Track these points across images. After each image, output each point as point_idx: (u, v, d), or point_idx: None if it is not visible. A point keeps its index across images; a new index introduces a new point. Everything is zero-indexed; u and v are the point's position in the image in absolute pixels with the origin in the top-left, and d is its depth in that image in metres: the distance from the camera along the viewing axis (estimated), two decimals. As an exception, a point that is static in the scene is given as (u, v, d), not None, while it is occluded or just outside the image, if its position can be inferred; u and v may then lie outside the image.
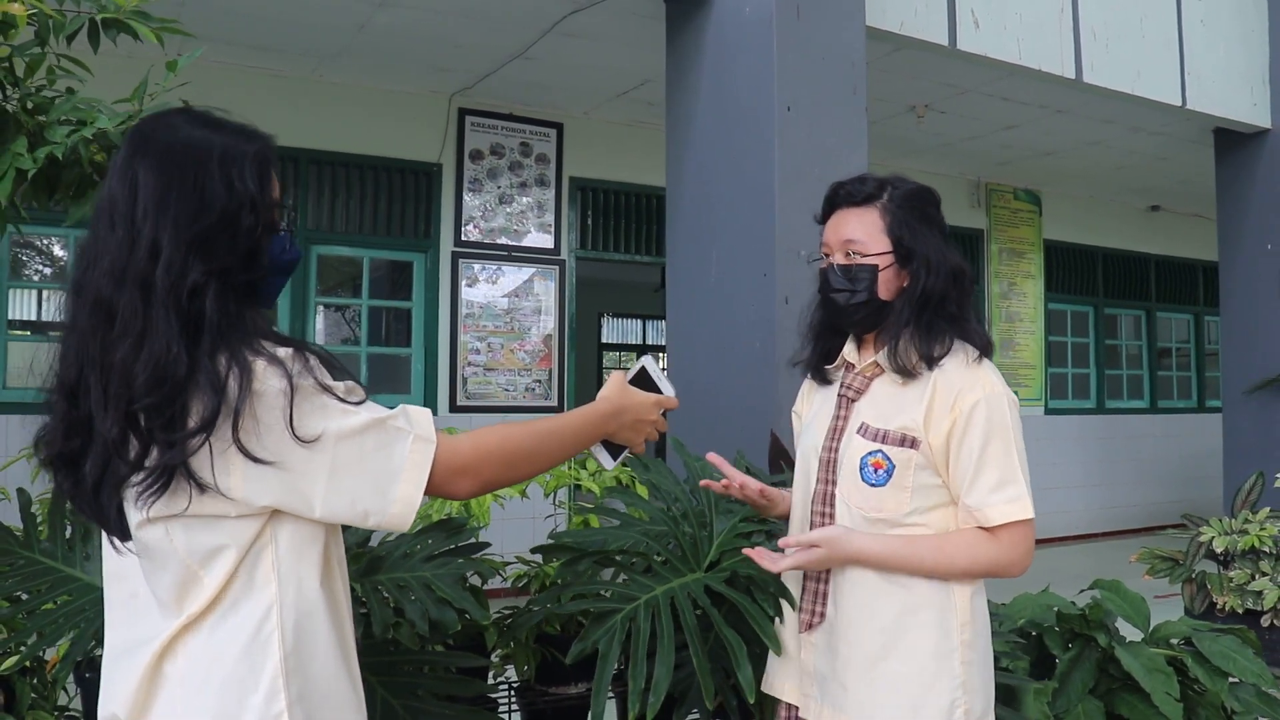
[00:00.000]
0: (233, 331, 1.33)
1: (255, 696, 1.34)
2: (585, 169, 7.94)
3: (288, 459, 1.33)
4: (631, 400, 1.69)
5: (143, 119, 1.45)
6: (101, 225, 1.36)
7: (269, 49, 6.44)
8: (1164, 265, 11.71)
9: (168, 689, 1.36)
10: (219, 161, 1.38)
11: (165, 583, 1.37)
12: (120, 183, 1.36)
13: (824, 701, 1.94)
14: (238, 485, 1.33)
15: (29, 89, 2.25)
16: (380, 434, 1.38)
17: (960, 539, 1.87)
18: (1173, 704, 2.73)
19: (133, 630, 1.42)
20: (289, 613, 1.38)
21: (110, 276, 1.32)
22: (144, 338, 1.29)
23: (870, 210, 1.98)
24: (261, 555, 1.37)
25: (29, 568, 2.39)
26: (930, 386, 1.89)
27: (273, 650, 1.36)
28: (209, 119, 1.44)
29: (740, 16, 4.48)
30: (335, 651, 1.44)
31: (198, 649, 1.36)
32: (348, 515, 1.39)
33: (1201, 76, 6.60)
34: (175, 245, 1.32)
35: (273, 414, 1.31)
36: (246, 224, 1.39)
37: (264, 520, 1.37)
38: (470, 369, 7.37)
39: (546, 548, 2.42)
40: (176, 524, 1.34)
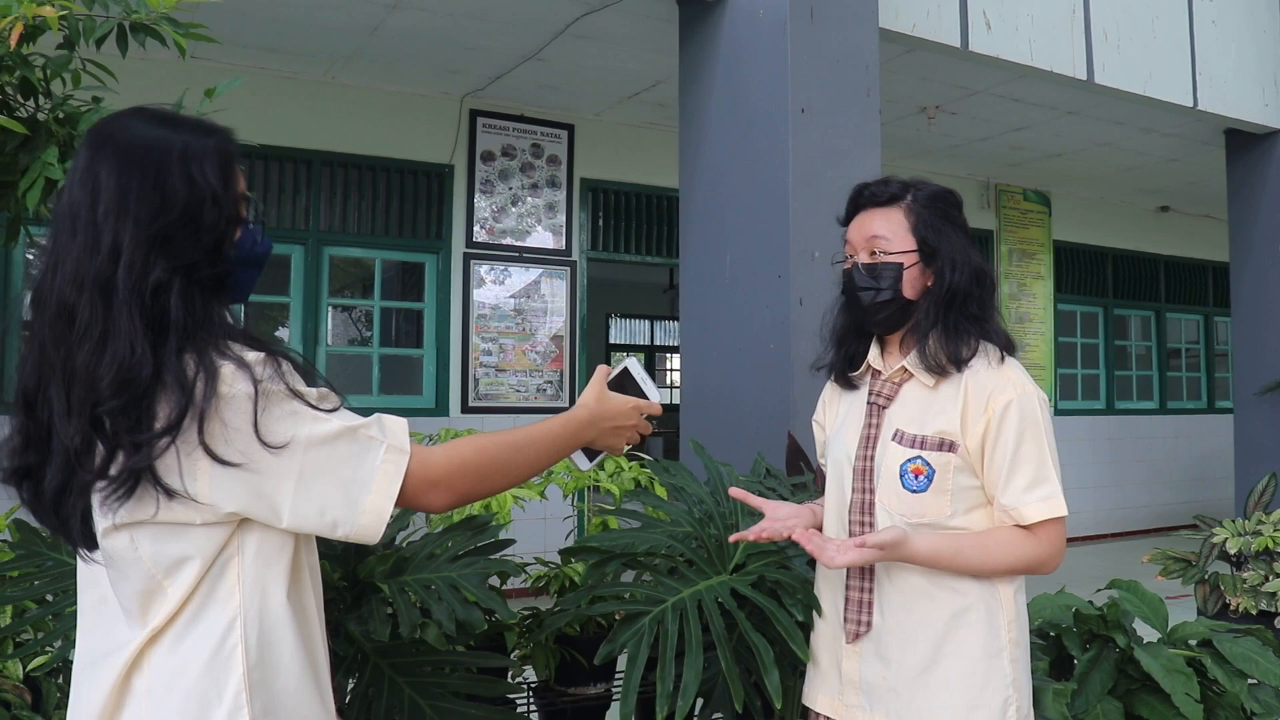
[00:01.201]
0: (200, 331, 1.31)
1: (218, 711, 1.32)
2: (596, 170, 7.95)
3: (255, 463, 1.30)
4: (609, 407, 1.64)
5: (99, 121, 1.42)
6: (63, 231, 1.33)
7: (282, 51, 6.47)
8: (1174, 266, 11.70)
9: (134, 703, 1.33)
10: (179, 158, 1.36)
11: (129, 591, 1.35)
12: (81, 186, 1.33)
13: (874, 710, 1.94)
14: (204, 489, 1.30)
15: (60, 99, 2.26)
16: (352, 443, 1.36)
17: (1002, 536, 1.89)
18: (1193, 705, 2.73)
19: (102, 638, 1.39)
20: (253, 626, 1.35)
21: (73, 282, 1.30)
22: (106, 340, 1.27)
23: (895, 210, 2.00)
24: (227, 566, 1.35)
25: (56, 569, 2.40)
26: (962, 389, 1.91)
27: (236, 664, 1.33)
28: (166, 116, 1.42)
29: (754, 19, 4.49)
30: (303, 666, 1.41)
31: (162, 662, 1.33)
32: (316, 525, 1.35)
33: (1213, 77, 6.60)
34: (136, 244, 1.30)
35: (240, 418, 1.29)
36: (209, 219, 1.36)
37: (230, 530, 1.34)
38: (482, 370, 7.39)
39: (574, 550, 2.43)
40: (143, 531, 1.32)
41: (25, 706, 2.51)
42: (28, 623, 2.48)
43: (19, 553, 2.44)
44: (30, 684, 2.58)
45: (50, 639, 2.32)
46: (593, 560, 2.38)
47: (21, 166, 2.16)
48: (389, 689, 2.20)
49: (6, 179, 2.21)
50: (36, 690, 2.59)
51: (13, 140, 2.19)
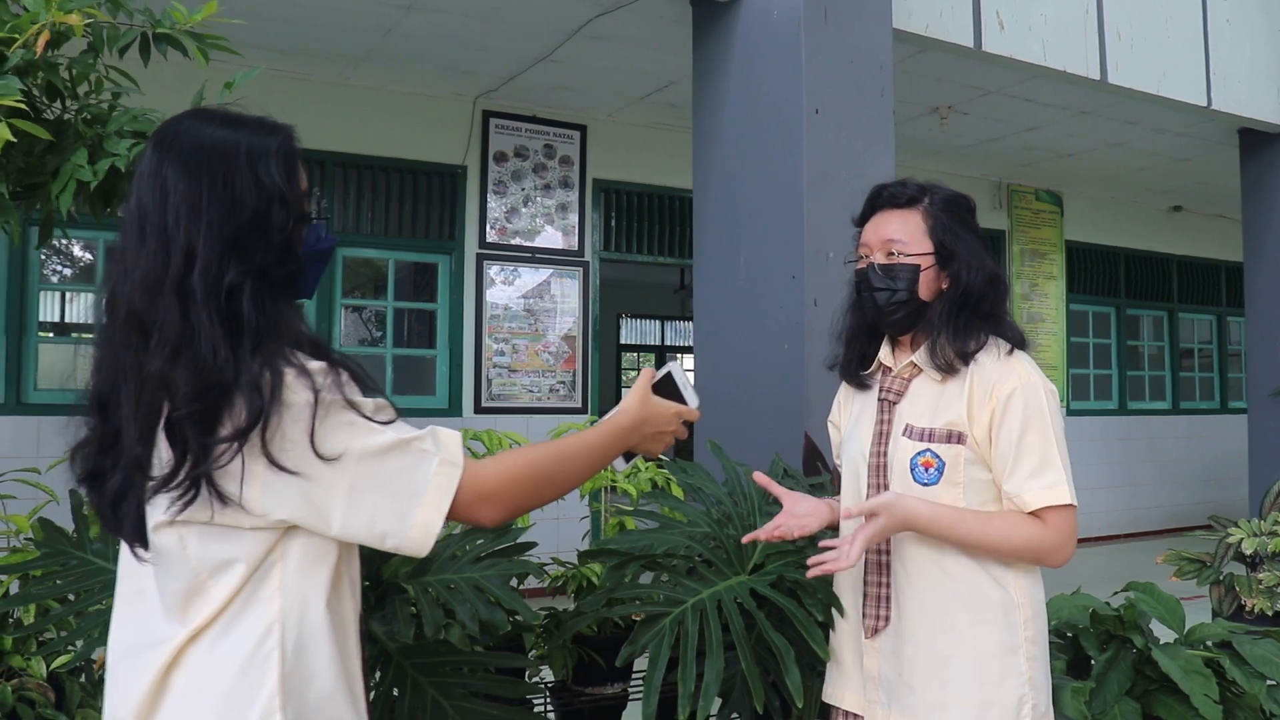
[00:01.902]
0: (269, 335, 1.32)
1: (250, 714, 1.32)
2: (608, 171, 7.97)
3: (309, 472, 1.31)
4: (653, 412, 1.65)
5: (162, 124, 1.43)
6: (131, 236, 1.34)
7: (295, 53, 6.49)
8: (1186, 266, 11.67)
9: (170, 700, 1.34)
10: (245, 158, 1.37)
11: (173, 588, 1.36)
12: (149, 191, 1.35)
13: (891, 706, 1.96)
14: (257, 495, 1.31)
15: (87, 101, 2.28)
16: (405, 455, 1.36)
17: (1006, 516, 1.90)
18: (1212, 706, 2.73)
19: (138, 630, 1.40)
20: (290, 632, 1.35)
21: (144, 288, 1.31)
22: (183, 345, 1.28)
23: (913, 213, 2.01)
24: (270, 571, 1.35)
25: (81, 568, 2.42)
26: (968, 381, 1.93)
27: (271, 669, 1.33)
28: (228, 117, 1.43)
29: (768, 19, 4.49)
30: (338, 674, 1.41)
31: (200, 662, 1.34)
32: (365, 535, 1.36)
33: (1227, 77, 6.58)
34: (210, 248, 1.31)
35: (297, 427, 1.30)
36: (278, 219, 1.38)
37: (277, 535, 1.35)
38: (494, 370, 7.41)
39: (593, 552, 2.44)
40: (191, 531, 1.33)
41: (49, 704, 2.53)
42: (51, 621, 2.50)
43: (43, 551, 2.46)
44: (53, 682, 2.60)
45: (73, 637, 2.33)
46: (612, 563, 2.39)
47: (50, 169, 2.18)
48: (412, 689, 2.21)
49: (36, 181, 2.23)
50: (60, 688, 2.61)
51: (40, 143, 2.20)
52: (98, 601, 2.36)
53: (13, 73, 2.07)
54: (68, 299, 9.10)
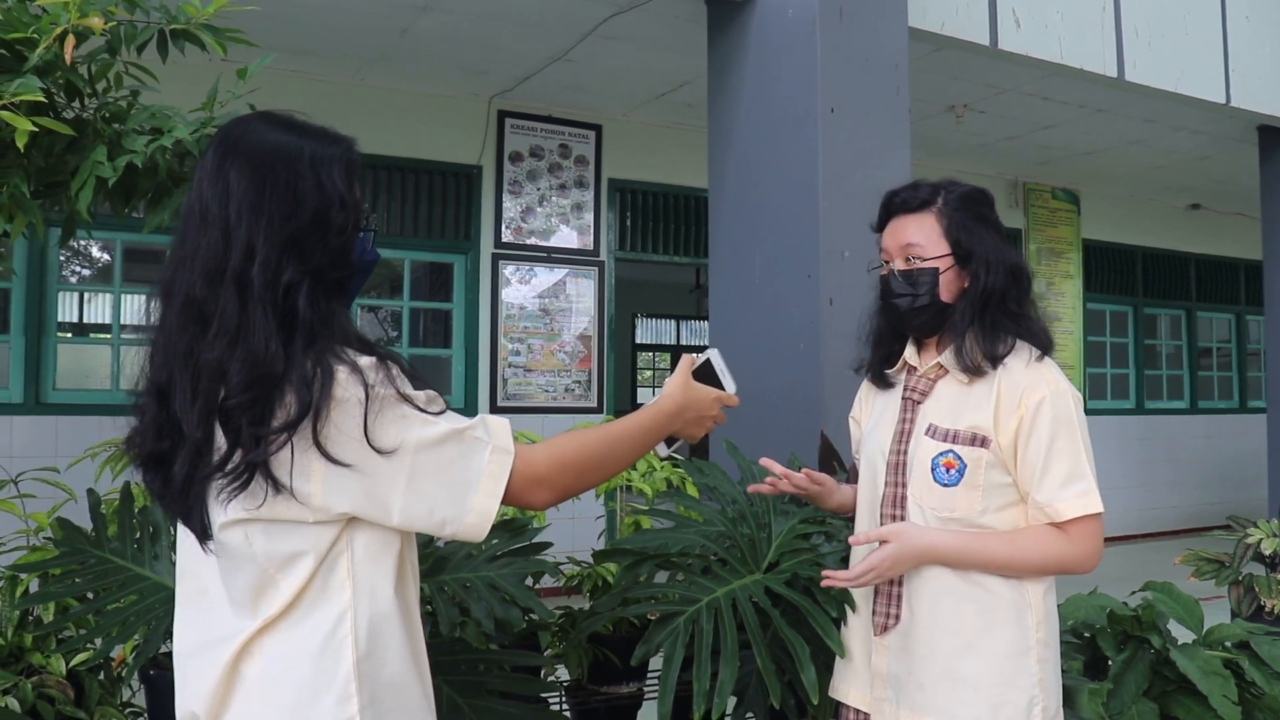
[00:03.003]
0: (322, 333, 1.35)
1: (328, 698, 1.36)
2: (623, 170, 7.97)
3: (367, 465, 1.34)
4: (695, 397, 1.69)
5: (227, 124, 1.47)
6: (191, 227, 1.38)
7: (311, 54, 6.51)
8: (1204, 264, 11.60)
9: (244, 689, 1.37)
10: (309, 163, 1.40)
11: (241, 584, 1.39)
12: (211, 186, 1.38)
13: (900, 704, 1.95)
14: (317, 491, 1.34)
15: (106, 98, 2.30)
16: (459, 444, 1.40)
17: (1031, 534, 1.89)
18: (1231, 707, 2.71)
19: (205, 628, 1.43)
20: (363, 618, 1.39)
21: (204, 277, 1.34)
22: (240, 336, 1.31)
23: (927, 215, 2.01)
24: (338, 562, 1.39)
25: (99, 566, 2.44)
26: (995, 386, 1.92)
27: (346, 654, 1.37)
28: (293, 123, 1.47)
29: (783, 18, 4.48)
30: (407, 657, 1.45)
31: (274, 650, 1.37)
32: (425, 524, 1.40)
33: (1246, 74, 6.54)
34: (270, 245, 1.34)
35: (351, 422, 1.33)
36: (337, 223, 1.41)
37: (340, 527, 1.38)
38: (510, 370, 7.42)
39: (608, 552, 2.44)
40: (256, 527, 1.36)
41: (68, 702, 2.55)
42: (70, 620, 2.51)
43: (62, 550, 2.48)
44: (73, 679, 2.62)
45: (92, 635, 2.35)
46: (627, 562, 2.39)
47: (71, 167, 2.19)
48: (427, 687, 2.21)
49: (56, 179, 2.24)
50: (79, 686, 2.63)
51: (60, 142, 2.22)
52: (116, 600, 2.38)
53: (33, 72, 2.09)
54: (86, 299, 9.17)
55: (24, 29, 2.14)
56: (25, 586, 2.69)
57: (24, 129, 1.99)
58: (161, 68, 2.45)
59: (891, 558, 1.88)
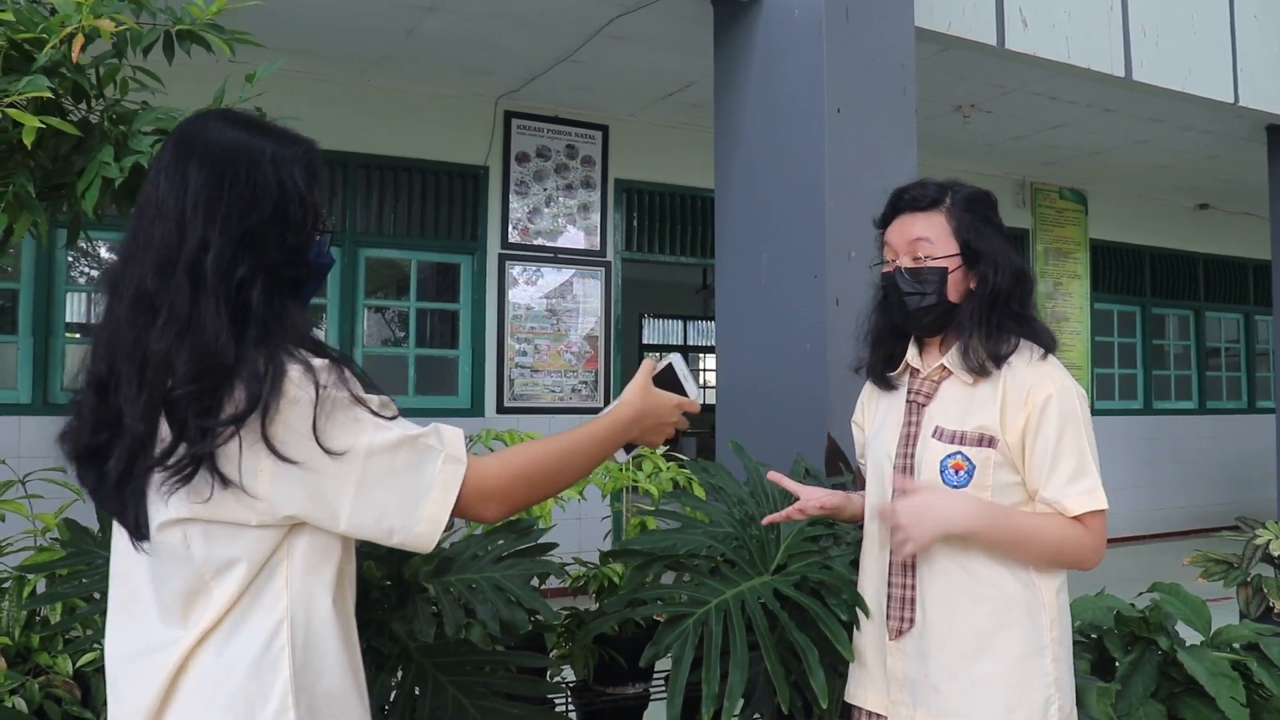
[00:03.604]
0: (275, 329, 1.34)
1: (264, 713, 1.33)
2: (630, 171, 7.97)
3: (316, 465, 1.32)
4: (653, 404, 1.66)
5: (185, 121, 1.45)
6: (146, 222, 1.36)
7: (316, 54, 6.52)
8: (1213, 264, 11.56)
9: (180, 702, 1.35)
10: (270, 160, 1.39)
11: (173, 589, 1.36)
12: (169, 181, 1.36)
13: (916, 706, 1.95)
14: (265, 489, 1.32)
15: (113, 101, 2.30)
16: (411, 451, 1.38)
17: (1055, 520, 1.88)
18: (1239, 709, 2.70)
19: (136, 636, 1.40)
20: (299, 629, 1.37)
21: (155, 269, 1.32)
22: (189, 327, 1.29)
23: (936, 214, 2.00)
24: (275, 571, 1.36)
25: (105, 567, 2.42)
26: (1001, 385, 1.92)
27: (283, 667, 1.34)
28: (253, 121, 1.46)
29: (789, 18, 4.48)
30: (345, 668, 1.43)
31: (208, 664, 1.34)
32: (372, 531, 1.37)
33: (1254, 73, 6.52)
34: (226, 239, 1.33)
35: (301, 421, 1.31)
36: (296, 220, 1.40)
37: (281, 535, 1.36)
38: (517, 370, 7.42)
39: (616, 553, 2.44)
40: (195, 529, 1.33)
41: (75, 702, 2.55)
42: (77, 620, 2.52)
43: (69, 551, 2.48)
44: (79, 679, 2.62)
45: (99, 636, 2.35)
46: (635, 563, 2.39)
47: (77, 169, 2.20)
48: (433, 688, 2.21)
49: (62, 181, 2.25)
50: (85, 685, 2.63)
51: (67, 143, 2.22)
52: (123, 600, 2.38)
53: (40, 72, 2.09)
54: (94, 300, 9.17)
55: (33, 28, 2.14)
56: (32, 587, 2.70)
57: (31, 126, 2.00)
58: (168, 70, 2.46)
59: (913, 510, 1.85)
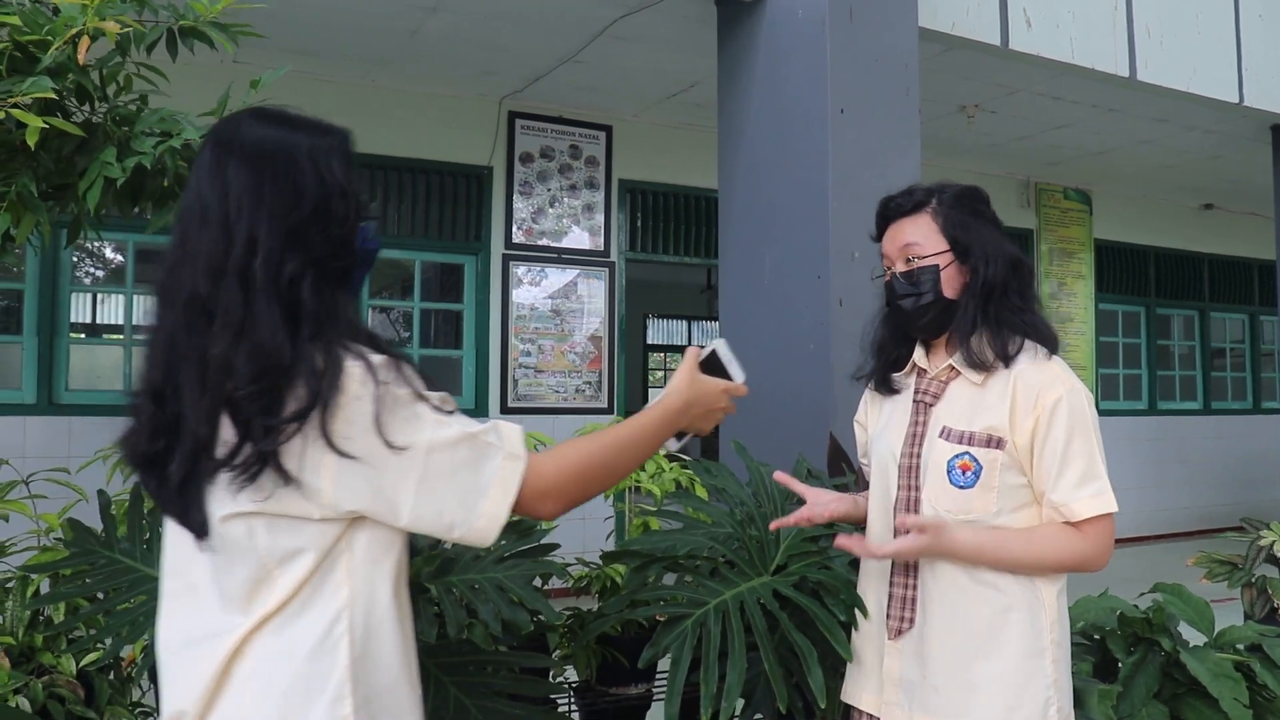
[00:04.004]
0: (328, 323, 1.35)
1: (322, 699, 1.35)
2: (634, 171, 7.97)
3: (377, 461, 1.33)
4: (702, 390, 1.66)
5: (220, 122, 1.47)
6: (191, 227, 1.37)
7: (320, 55, 6.53)
8: (1218, 264, 11.55)
9: (235, 687, 1.36)
10: (308, 155, 1.40)
11: (237, 578, 1.38)
12: (210, 184, 1.37)
13: (913, 707, 1.94)
14: (328, 487, 1.33)
15: (116, 102, 2.31)
16: (472, 448, 1.39)
17: (1048, 532, 1.89)
18: (1242, 710, 2.70)
19: (192, 624, 1.42)
20: (359, 618, 1.38)
21: (206, 274, 1.33)
22: (244, 328, 1.31)
23: (922, 216, 2.02)
24: (338, 561, 1.38)
25: (109, 567, 2.44)
26: (1010, 386, 1.91)
27: (341, 655, 1.36)
28: (286, 117, 1.47)
29: (793, 19, 4.48)
30: (401, 659, 1.44)
31: (267, 649, 1.36)
32: (433, 526, 1.39)
33: (1259, 73, 6.51)
34: (272, 237, 1.34)
35: (362, 416, 1.32)
36: (339, 213, 1.41)
37: (344, 526, 1.38)
38: (520, 370, 7.42)
39: (616, 554, 2.44)
40: (260, 521, 1.35)
41: (78, 701, 2.56)
42: (80, 620, 2.53)
43: (72, 551, 2.49)
44: (83, 679, 2.63)
45: (102, 635, 2.36)
46: (635, 564, 2.39)
47: (79, 169, 2.21)
48: (435, 688, 2.22)
49: (65, 181, 2.26)
50: (89, 685, 2.64)
51: (70, 143, 2.23)
52: (126, 600, 2.39)
53: (44, 73, 2.10)
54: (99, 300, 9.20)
55: (38, 30, 2.15)
56: (36, 587, 2.70)
57: (35, 126, 2.00)
58: (172, 71, 2.47)
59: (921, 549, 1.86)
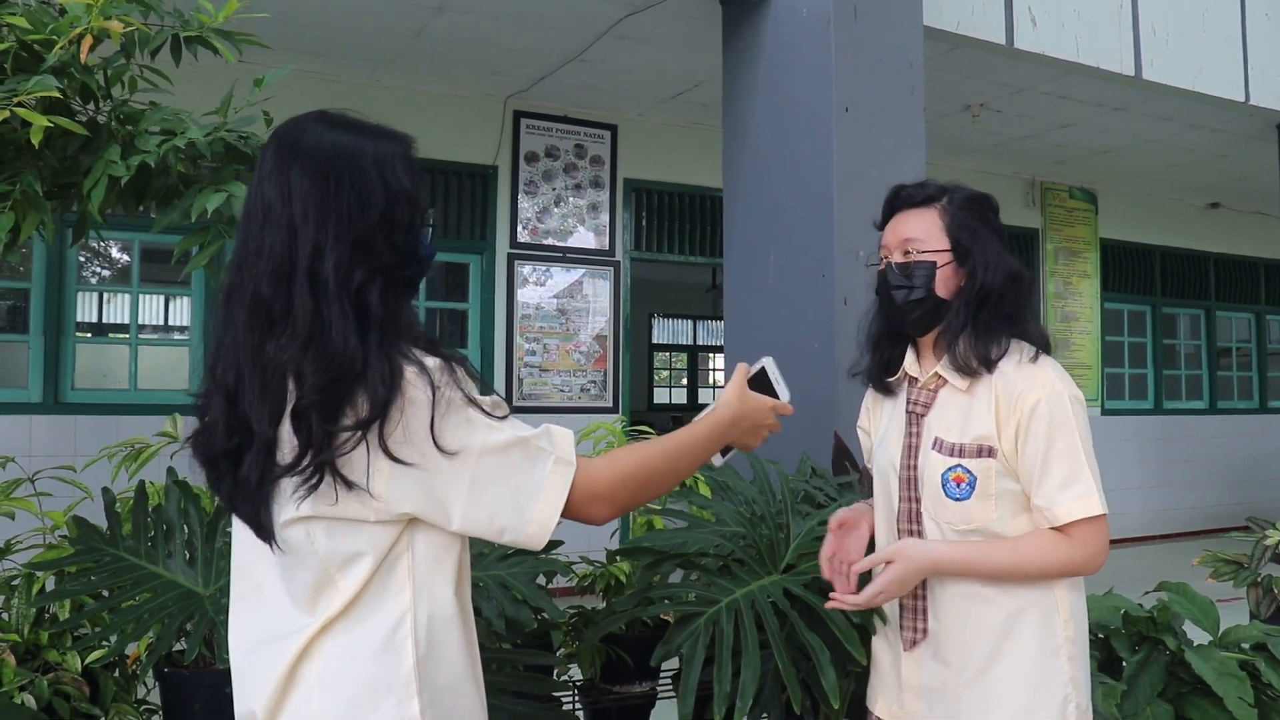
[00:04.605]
0: (392, 331, 1.36)
1: (389, 699, 1.36)
2: (639, 170, 7.97)
3: (430, 465, 1.34)
4: (751, 406, 1.68)
5: (283, 125, 1.46)
6: (254, 227, 1.37)
7: (326, 55, 6.53)
8: (1224, 263, 11.52)
9: (303, 688, 1.38)
10: (373, 161, 1.40)
11: (301, 581, 1.40)
12: (274, 187, 1.37)
13: (933, 714, 1.93)
14: (382, 488, 1.34)
15: (120, 102, 2.32)
16: (523, 452, 1.39)
17: (1033, 540, 1.87)
18: (1246, 709, 2.70)
19: (261, 624, 1.44)
20: (423, 619, 1.39)
21: (271, 276, 1.34)
22: (315, 335, 1.31)
23: (930, 211, 2.00)
24: (398, 563, 1.39)
25: (113, 565, 2.45)
26: (993, 392, 1.90)
27: (406, 655, 1.38)
28: (350, 122, 1.46)
29: (797, 18, 4.48)
30: (465, 659, 1.46)
31: (333, 649, 1.38)
32: (485, 529, 1.40)
33: (1265, 71, 6.49)
34: (341, 244, 1.35)
35: (418, 421, 1.33)
36: (404, 221, 1.41)
37: (400, 529, 1.39)
38: (526, 370, 7.43)
39: (626, 550, 2.44)
40: (318, 526, 1.36)
41: (83, 699, 2.57)
42: (85, 617, 2.53)
43: (77, 549, 2.50)
44: (88, 676, 2.64)
45: (107, 633, 2.37)
46: (645, 561, 2.39)
47: (84, 168, 2.21)
48: (439, 685, 2.21)
49: (70, 180, 2.26)
50: (94, 683, 2.65)
51: (74, 143, 2.24)
52: (130, 598, 2.39)
53: (49, 73, 2.11)
54: (105, 299, 9.22)
55: (42, 29, 2.16)
56: (41, 584, 2.71)
57: (39, 125, 2.01)
58: (178, 71, 2.47)
59: (898, 579, 1.86)
